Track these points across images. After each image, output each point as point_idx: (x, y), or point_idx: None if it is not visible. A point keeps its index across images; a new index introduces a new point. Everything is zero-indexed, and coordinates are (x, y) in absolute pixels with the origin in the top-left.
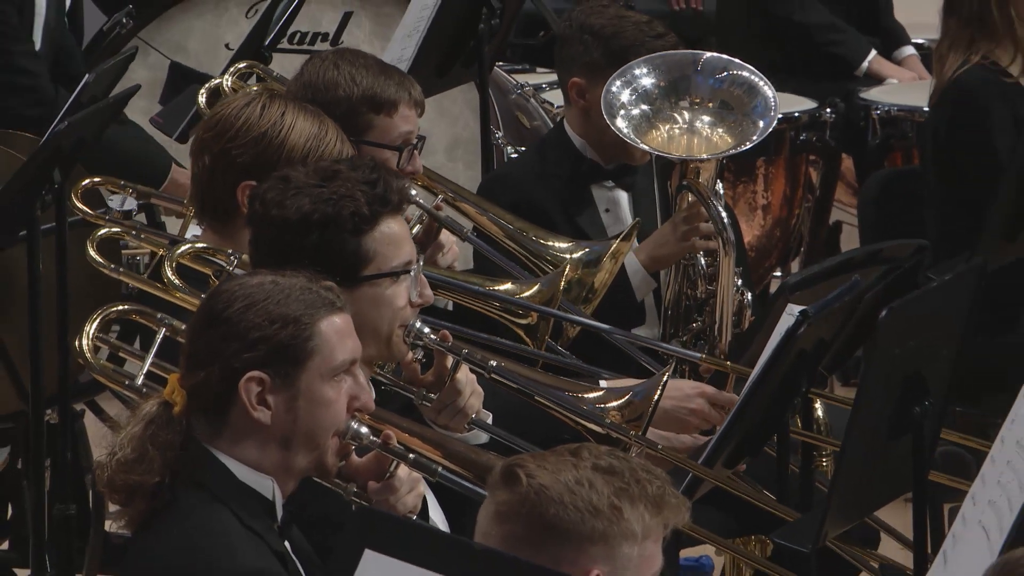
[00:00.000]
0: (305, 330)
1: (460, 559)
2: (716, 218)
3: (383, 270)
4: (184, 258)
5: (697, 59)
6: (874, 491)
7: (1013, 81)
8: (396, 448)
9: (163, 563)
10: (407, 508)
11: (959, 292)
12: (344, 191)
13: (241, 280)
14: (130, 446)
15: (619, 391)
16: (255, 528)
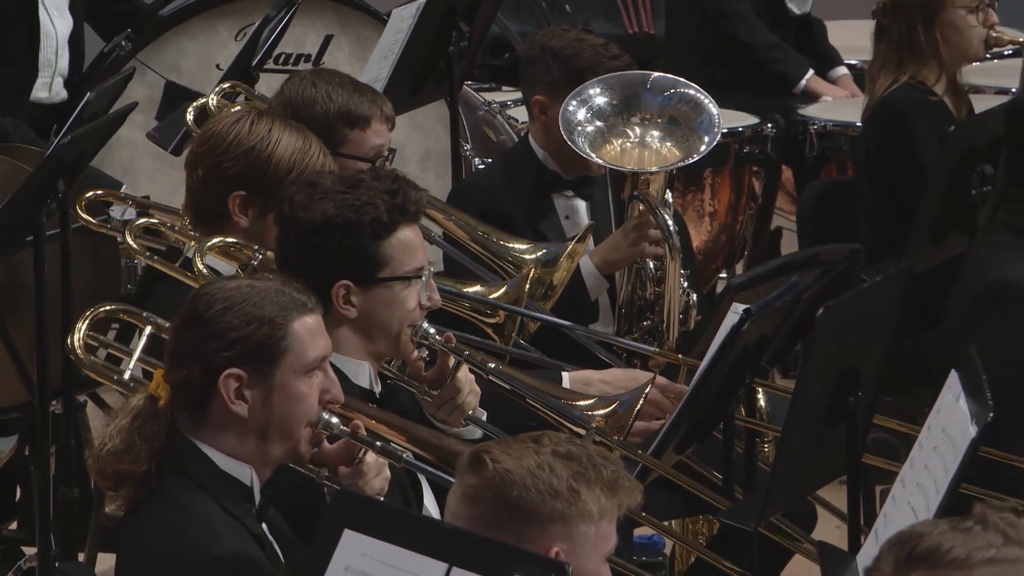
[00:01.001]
0: (279, 330)
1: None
2: (663, 226)
3: (397, 274)
4: (213, 251)
5: (647, 79)
6: (812, 474)
7: (938, 99)
8: (364, 436)
9: (150, 546)
10: (374, 491)
11: (889, 292)
12: (366, 198)
13: (220, 284)
14: (119, 437)
15: (608, 400)
16: (235, 513)
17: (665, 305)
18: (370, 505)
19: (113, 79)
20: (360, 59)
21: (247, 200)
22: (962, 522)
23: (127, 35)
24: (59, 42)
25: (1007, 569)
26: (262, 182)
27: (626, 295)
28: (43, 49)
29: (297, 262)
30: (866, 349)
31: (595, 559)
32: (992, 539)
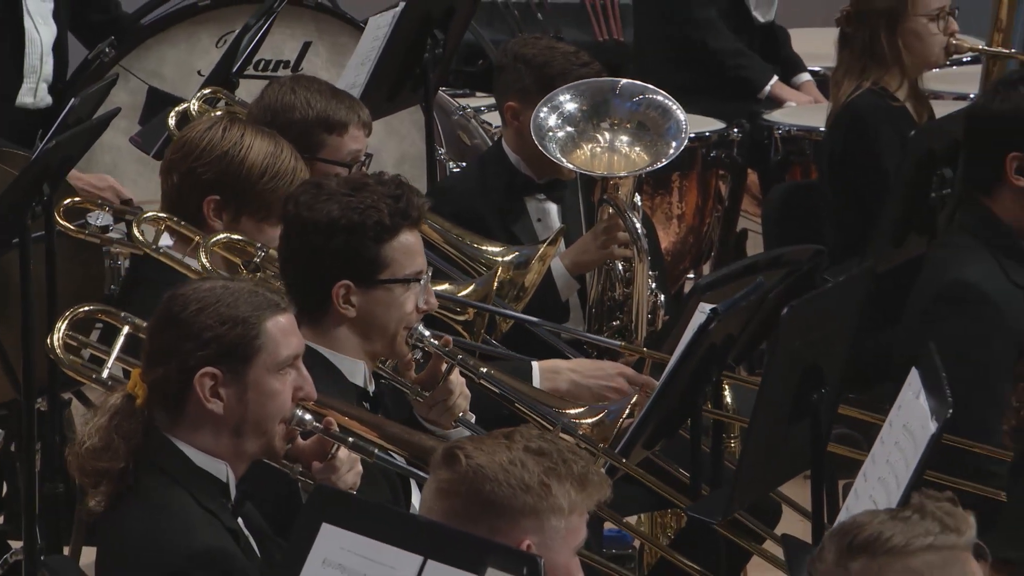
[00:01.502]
0: (252, 329)
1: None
2: (632, 229)
3: (397, 276)
4: (218, 247)
5: (615, 85)
6: (777, 469)
7: (900, 105)
8: (336, 432)
9: (127, 541)
10: (347, 485)
11: (852, 292)
12: (371, 201)
13: (195, 285)
14: (97, 435)
15: (596, 409)
16: (210, 508)
17: (634, 305)
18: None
19: (97, 85)
20: (338, 65)
21: (221, 204)
22: (901, 512)
23: (111, 42)
24: (43, 49)
25: (944, 555)
26: (235, 186)
27: (596, 296)
28: (28, 56)
29: (300, 261)
30: (829, 347)
31: (566, 552)
32: (930, 527)
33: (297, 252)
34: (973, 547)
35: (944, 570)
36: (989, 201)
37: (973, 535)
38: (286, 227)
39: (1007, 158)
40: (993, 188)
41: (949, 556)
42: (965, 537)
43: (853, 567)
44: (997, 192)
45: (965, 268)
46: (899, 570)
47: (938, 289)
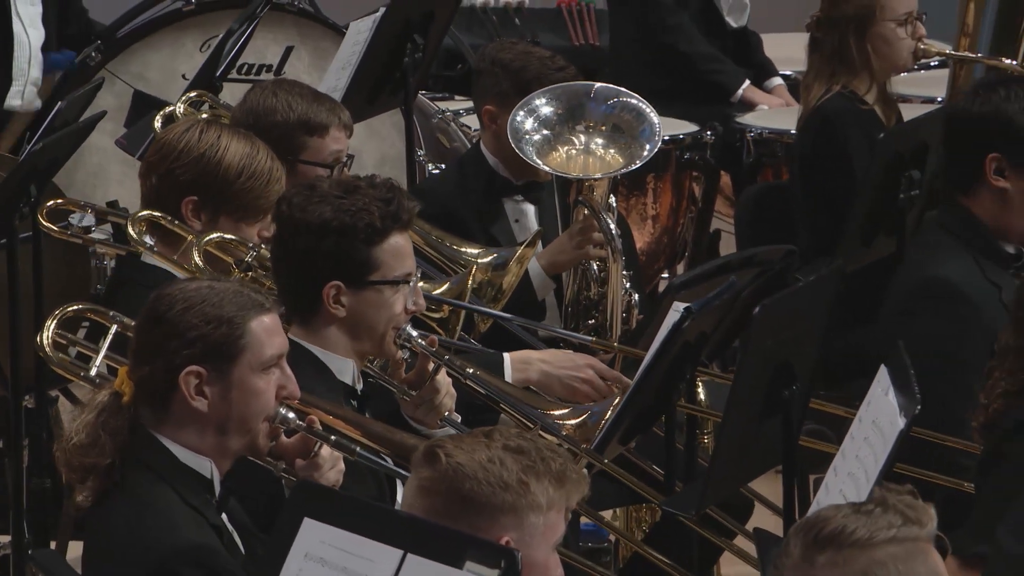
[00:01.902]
0: (237, 329)
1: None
2: (606, 230)
3: (387, 278)
4: (210, 246)
5: (590, 89)
6: (749, 464)
7: (869, 108)
8: (319, 431)
9: (113, 537)
10: (329, 483)
11: (822, 291)
12: (362, 204)
13: (182, 285)
14: (84, 432)
15: (580, 411)
16: (195, 504)
17: (608, 304)
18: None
19: (83, 88)
20: (319, 69)
21: (199, 204)
22: (864, 505)
23: (97, 46)
24: (32, 52)
25: (907, 547)
26: (213, 187)
27: (572, 295)
28: (16, 59)
29: (292, 261)
30: (800, 345)
31: (544, 548)
32: (892, 520)
33: (289, 252)
34: (934, 539)
35: (907, 561)
36: (968, 201)
37: (934, 527)
38: (279, 227)
39: (986, 159)
40: (972, 188)
41: (912, 548)
42: (927, 529)
43: (819, 560)
44: (976, 192)
45: (944, 266)
46: (863, 562)
47: (917, 285)
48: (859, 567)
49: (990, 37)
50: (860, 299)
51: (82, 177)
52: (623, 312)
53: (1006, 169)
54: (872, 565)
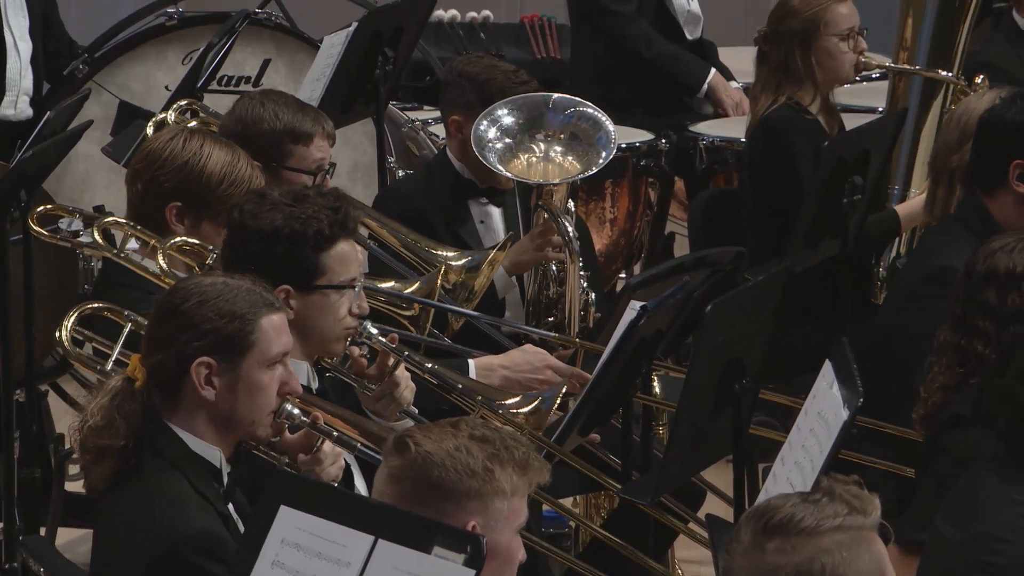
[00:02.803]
0: (248, 325)
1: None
2: (564, 233)
3: (333, 283)
4: (173, 249)
5: (548, 100)
6: (702, 454)
7: (813, 118)
8: (323, 427)
9: (125, 522)
10: (331, 477)
11: (770, 290)
12: (311, 212)
13: (197, 279)
14: (99, 414)
15: (531, 398)
16: (204, 493)
17: (567, 303)
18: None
19: (71, 99)
20: (295, 81)
21: (183, 210)
22: (811, 495)
23: (84, 59)
24: (22, 63)
25: (852, 535)
26: (195, 193)
27: (533, 294)
28: (9, 70)
29: (242, 266)
30: (750, 341)
31: (508, 532)
32: (838, 509)
33: (241, 257)
34: (878, 527)
35: (851, 548)
36: (988, 200)
37: (878, 516)
38: (231, 233)
39: (1011, 164)
40: (994, 189)
41: (856, 535)
42: (871, 518)
43: (768, 547)
44: (997, 193)
45: (956, 256)
46: (811, 549)
47: (927, 271)
48: (806, 554)
49: (927, 50)
50: (807, 298)
51: (70, 183)
52: (580, 310)
53: None
54: (819, 552)
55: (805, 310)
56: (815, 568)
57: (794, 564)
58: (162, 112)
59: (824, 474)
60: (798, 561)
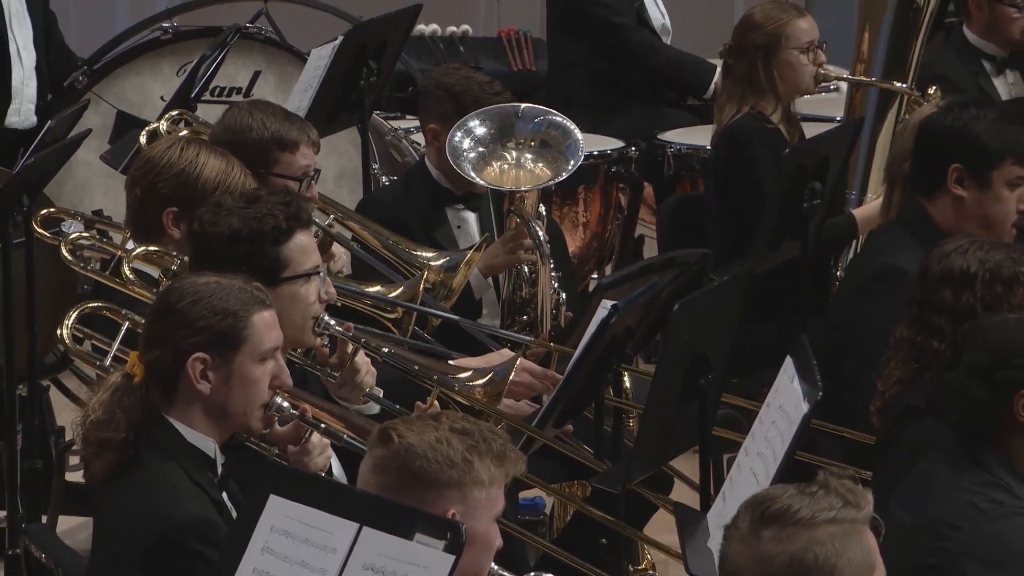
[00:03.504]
0: (241, 321)
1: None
2: (535, 237)
3: (298, 272)
4: (138, 259)
5: (518, 109)
6: (669, 445)
7: (774, 127)
8: (311, 419)
9: (124, 509)
10: (318, 467)
11: (734, 290)
12: (266, 210)
13: (192, 279)
14: (100, 409)
15: (484, 371)
16: (199, 481)
17: (539, 303)
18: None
19: (71, 109)
20: (284, 91)
21: (179, 215)
22: (808, 487)
23: (83, 71)
24: (26, 72)
25: (845, 528)
26: (191, 199)
27: (507, 294)
28: (14, 79)
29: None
30: (715, 338)
31: (486, 520)
32: (833, 502)
33: (207, 264)
34: (870, 521)
35: (844, 540)
36: (928, 204)
37: (871, 510)
38: (193, 242)
39: (949, 168)
40: (933, 193)
41: (849, 528)
42: (864, 512)
43: (764, 535)
44: (936, 197)
45: (898, 255)
46: (804, 539)
47: (874, 270)
48: (801, 543)
49: (883, 62)
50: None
51: (70, 188)
52: (552, 309)
53: (965, 179)
54: (812, 542)
55: (767, 309)
56: (808, 558)
57: (788, 553)
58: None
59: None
60: (792, 550)
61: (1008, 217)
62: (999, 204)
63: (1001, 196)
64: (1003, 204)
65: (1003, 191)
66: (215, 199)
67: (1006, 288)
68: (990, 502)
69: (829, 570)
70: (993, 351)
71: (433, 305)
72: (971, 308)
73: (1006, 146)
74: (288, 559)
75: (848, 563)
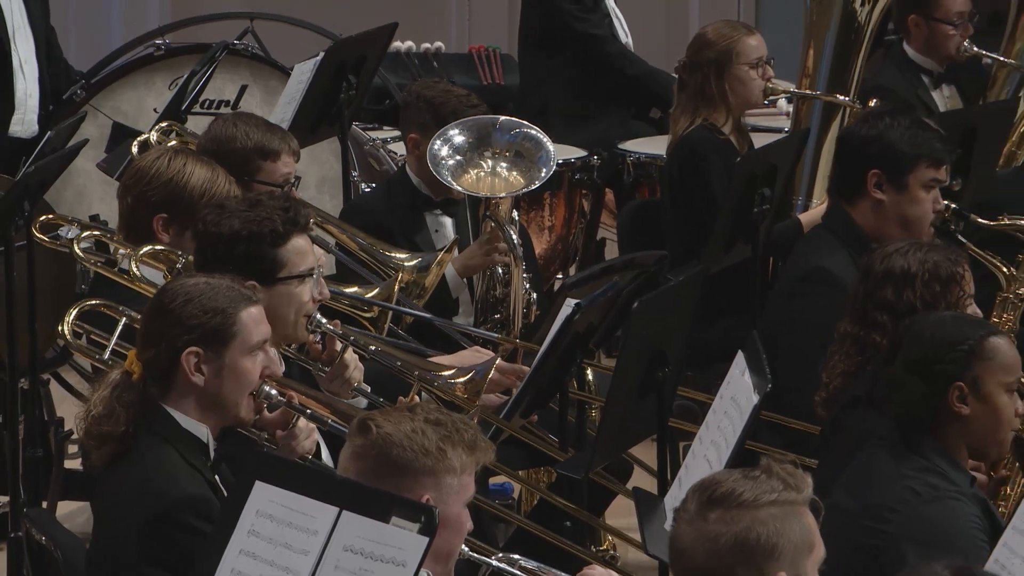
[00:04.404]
0: (230, 318)
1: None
2: (509, 240)
3: (293, 273)
4: (145, 257)
5: (495, 121)
6: (629, 434)
7: (726, 138)
8: (297, 405)
9: (122, 489)
10: (304, 450)
11: (689, 289)
12: (265, 214)
13: (183, 280)
14: (101, 405)
15: (465, 370)
16: (194, 463)
17: (511, 302)
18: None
19: (69, 120)
20: (269, 104)
21: (168, 221)
22: (751, 472)
23: (81, 84)
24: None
25: (786, 509)
26: (179, 206)
27: (481, 293)
28: (17, 90)
29: (211, 268)
30: (672, 334)
31: (457, 505)
32: (775, 485)
33: (209, 261)
34: (810, 503)
35: (784, 521)
36: (850, 208)
37: (810, 492)
38: (198, 242)
39: (868, 174)
40: (854, 198)
41: (789, 509)
42: (803, 494)
43: (711, 517)
44: (857, 202)
45: (826, 258)
46: (748, 520)
47: (803, 272)
48: (744, 524)
49: (827, 77)
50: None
51: (69, 195)
52: (524, 308)
53: (883, 184)
54: (755, 523)
55: (720, 307)
56: (751, 537)
57: (733, 533)
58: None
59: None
60: (737, 530)
61: (925, 217)
62: (916, 205)
63: (918, 198)
64: (920, 205)
65: (919, 193)
66: (218, 201)
67: (944, 287)
68: (926, 487)
69: (771, 548)
70: (930, 346)
71: (408, 304)
72: (911, 305)
73: (920, 151)
74: (273, 541)
75: (788, 542)
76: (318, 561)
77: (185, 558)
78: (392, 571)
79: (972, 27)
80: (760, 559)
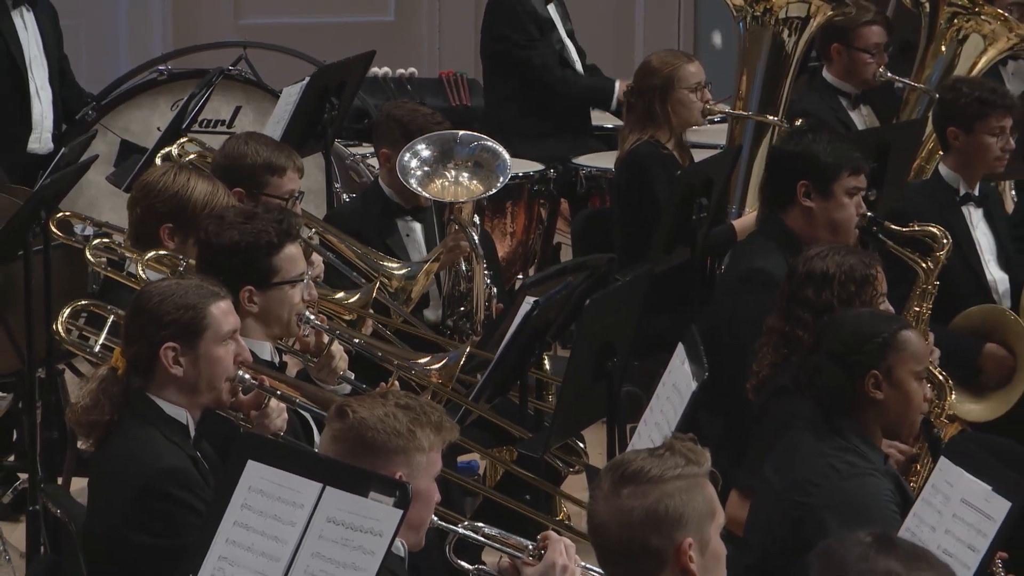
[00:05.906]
0: (200, 312)
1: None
2: (470, 240)
3: (286, 279)
4: (151, 261)
5: (456, 136)
6: (582, 416)
7: (669, 153)
8: (268, 387)
9: (110, 465)
10: (276, 428)
11: (635, 288)
12: (261, 226)
13: (156, 283)
14: (88, 397)
15: (439, 357)
16: (175, 441)
17: (474, 296)
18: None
19: (81, 137)
20: (261, 124)
21: (174, 230)
22: (657, 450)
23: (92, 105)
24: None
25: (689, 482)
26: (184, 216)
27: (448, 288)
28: (34, 111)
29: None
30: (620, 328)
31: (427, 480)
32: (678, 461)
33: (210, 267)
34: (709, 474)
35: (688, 492)
36: (783, 216)
37: (709, 466)
38: (200, 250)
39: (798, 184)
40: (786, 206)
41: (692, 482)
42: (703, 468)
43: (623, 492)
44: (789, 210)
45: (763, 260)
46: (657, 494)
47: (740, 273)
48: (654, 497)
49: (758, 99)
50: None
51: (81, 205)
52: (485, 301)
53: (812, 192)
54: (663, 496)
55: (663, 303)
56: (660, 508)
57: (644, 506)
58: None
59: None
60: (647, 504)
61: (850, 220)
62: (842, 210)
63: (843, 203)
64: (845, 210)
65: (844, 199)
66: (218, 212)
67: (859, 287)
68: (845, 464)
69: (678, 517)
70: (849, 338)
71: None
72: (829, 303)
73: (842, 161)
74: (263, 513)
75: (693, 511)
76: (304, 531)
77: (168, 524)
78: (370, 540)
79: (886, 56)
80: (670, 528)
